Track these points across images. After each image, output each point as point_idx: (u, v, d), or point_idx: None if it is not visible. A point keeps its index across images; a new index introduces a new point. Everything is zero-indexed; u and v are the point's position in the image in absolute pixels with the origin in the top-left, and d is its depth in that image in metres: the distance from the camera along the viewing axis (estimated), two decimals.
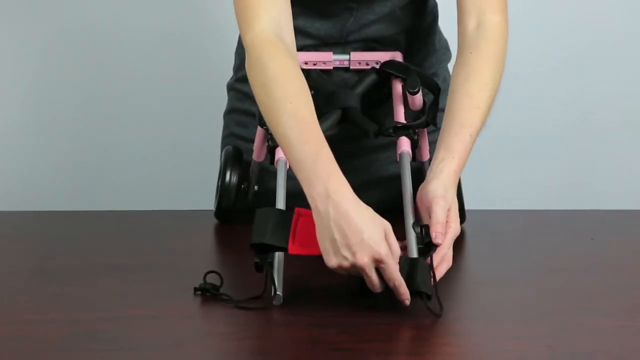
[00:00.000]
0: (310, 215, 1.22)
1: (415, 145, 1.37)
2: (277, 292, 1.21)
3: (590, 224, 1.62)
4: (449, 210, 1.25)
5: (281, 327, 1.18)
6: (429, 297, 1.19)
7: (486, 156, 2.49)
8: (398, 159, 1.35)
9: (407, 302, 1.19)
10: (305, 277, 1.29)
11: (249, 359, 1.11)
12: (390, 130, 1.37)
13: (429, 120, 1.37)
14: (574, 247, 1.49)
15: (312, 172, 1.21)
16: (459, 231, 1.27)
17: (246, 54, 1.34)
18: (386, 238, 1.18)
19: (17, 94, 2.47)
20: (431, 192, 1.26)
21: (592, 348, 1.11)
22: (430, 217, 1.25)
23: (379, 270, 1.18)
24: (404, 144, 1.36)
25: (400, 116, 1.41)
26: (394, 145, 1.38)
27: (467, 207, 1.53)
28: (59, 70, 2.46)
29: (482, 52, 1.38)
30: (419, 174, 1.42)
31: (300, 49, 1.51)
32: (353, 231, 1.17)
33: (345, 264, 1.18)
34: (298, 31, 1.51)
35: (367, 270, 1.17)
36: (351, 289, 1.23)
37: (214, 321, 1.21)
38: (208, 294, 1.24)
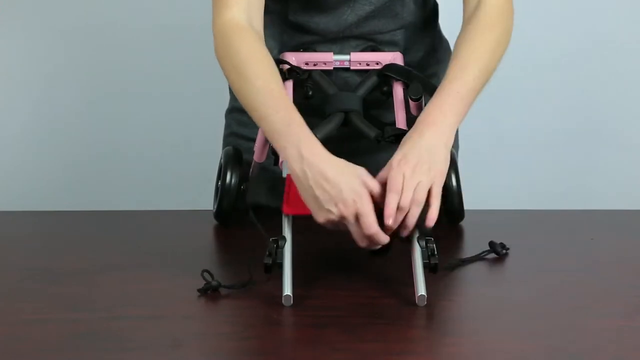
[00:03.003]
0: None
1: None
2: (287, 293, 1.21)
3: (590, 224, 1.62)
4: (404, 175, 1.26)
5: (281, 327, 1.18)
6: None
7: (486, 156, 2.49)
8: None
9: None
10: (306, 278, 1.29)
11: (249, 359, 1.11)
12: (393, 138, 1.37)
13: None
14: (574, 247, 1.49)
15: (286, 138, 1.28)
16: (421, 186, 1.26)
17: (215, 39, 1.40)
18: (364, 183, 1.24)
19: (17, 95, 2.47)
20: (389, 164, 1.29)
21: (592, 348, 1.11)
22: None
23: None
24: None
25: (401, 122, 1.40)
26: (394, 145, 1.38)
27: (467, 207, 1.53)
28: (58, 70, 2.46)
29: (480, 22, 1.41)
30: None
31: (299, 45, 1.51)
32: (331, 186, 1.23)
33: (332, 217, 1.24)
34: (298, 28, 1.52)
35: (352, 220, 1.23)
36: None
37: (214, 321, 1.21)
38: (209, 292, 1.24)
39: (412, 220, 1.26)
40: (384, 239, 1.24)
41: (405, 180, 1.26)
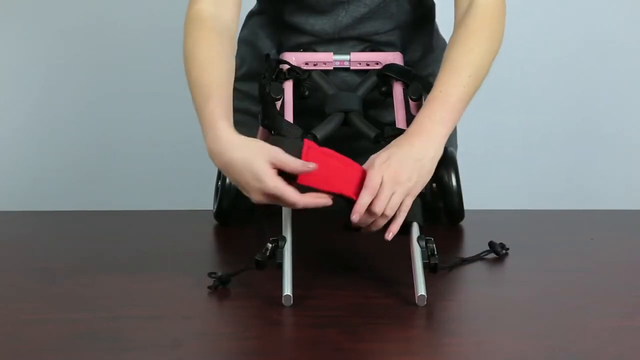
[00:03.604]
0: (320, 151, 1.26)
1: None
2: (287, 293, 1.21)
3: (590, 224, 1.62)
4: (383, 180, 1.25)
5: (281, 327, 1.18)
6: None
7: (486, 156, 2.49)
8: None
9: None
10: (306, 278, 1.29)
11: (248, 359, 1.11)
12: (392, 138, 1.37)
13: None
14: (574, 247, 1.49)
15: (203, 127, 1.29)
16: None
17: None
18: (276, 165, 1.22)
19: (17, 95, 2.47)
20: (370, 160, 1.28)
21: (592, 348, 1.11)
22: None
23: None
24: None
25: (401, 122, 1.41)
26: None
27: (467, 207, 1.53)
28: (58, 70, 2.46)
29: (469, 26, 1.40)
30: None
31: (296, 46, 1.51)
32: (238, 176, 1.24)
33: (254, 201, 1.25)
34: (294, 29, 1.52)
35: (271, 202, 1.24)
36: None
37: (214, 321, 1.21)
38: (220, 287, 1.26)
39: (374, 229, 1.26)
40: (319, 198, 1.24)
41: (383, 183, 1.25)
